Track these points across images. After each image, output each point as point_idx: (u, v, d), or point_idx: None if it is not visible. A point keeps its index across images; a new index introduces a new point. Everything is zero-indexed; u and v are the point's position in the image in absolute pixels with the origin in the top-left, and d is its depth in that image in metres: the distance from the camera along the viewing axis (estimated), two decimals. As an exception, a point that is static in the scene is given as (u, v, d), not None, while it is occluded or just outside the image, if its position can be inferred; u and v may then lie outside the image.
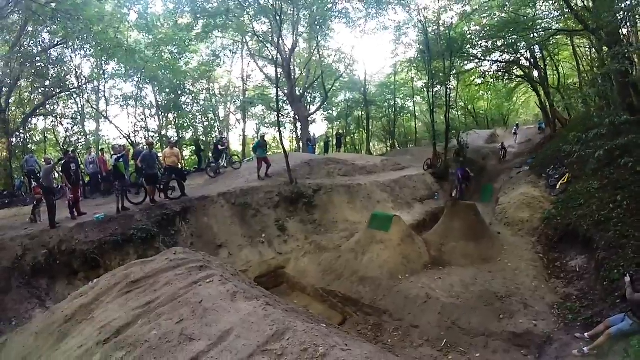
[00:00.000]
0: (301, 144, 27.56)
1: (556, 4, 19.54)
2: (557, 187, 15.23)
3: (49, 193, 11.60)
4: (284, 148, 16.36)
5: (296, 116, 27.16)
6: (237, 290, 6.31)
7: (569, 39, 22.44)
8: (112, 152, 14.51)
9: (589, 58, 23.37)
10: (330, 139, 30.62)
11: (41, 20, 18.63)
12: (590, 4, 16.24)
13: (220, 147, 19.04)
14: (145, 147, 14.78)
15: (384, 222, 12.05)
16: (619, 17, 12.65)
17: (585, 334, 7.76)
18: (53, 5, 17.73)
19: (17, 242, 10.49)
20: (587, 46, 22.38)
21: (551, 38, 22.40)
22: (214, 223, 13.47)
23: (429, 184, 19.28)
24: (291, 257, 13.29)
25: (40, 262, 10.39)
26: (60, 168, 13.00)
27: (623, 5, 13.70)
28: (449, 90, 22.22)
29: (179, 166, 14.36)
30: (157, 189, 13.59)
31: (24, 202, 16.20)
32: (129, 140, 23.71)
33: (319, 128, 38.96)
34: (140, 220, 12.23)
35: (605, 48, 14.11)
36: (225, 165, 18.88)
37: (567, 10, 17.73)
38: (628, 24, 15.72)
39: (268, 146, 17.23)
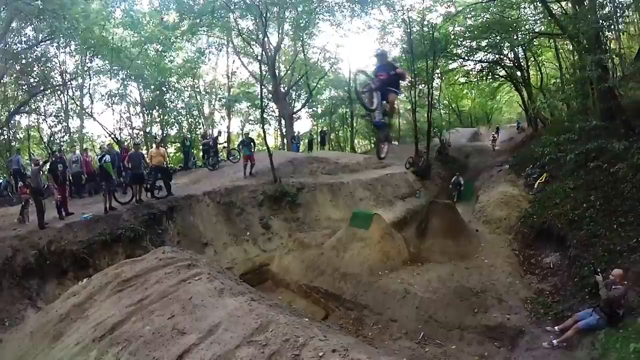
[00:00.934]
0: (286, 142, 27.95)
1: (539, 7, 20.10)
2: (535, 187, 15.95)
3: (38, 194, 11.77)
4: (267, 147, 16.76)
5: (281, 114, 27.47)
6: (223, 287, 6.75)
7: (552, 40, 23.13)
8: (100, 152, 14.65)
9: (571, 59, 24.16)
10: (315, 136, 31.05)
11: (27, 18, 18.63)
12: (570, 9, 17.02)
13: (210, 143, 19.50)
14: (131, 147, 14.99)
15: (364, 220, 12.58)
16: (598, 26, 13.17)
17: (555, 327, 8.34)
18: (39, 3, 17.75)
19: (6, 244, 10.69)
20: (570, 47, 23.11)
21: (534, 40, 23.24)
22: (200, 222, 13.84)
23: (410, 182, 19.86)
24: (275, 255, 13.75)
25: (30, 262, 10.59)
26: (47, 168, 13.18)
27: (602, 12, 14.36)
28: (431, 90, 22.76)
29: (165, 165, 14.59)
30: (143, 188, 13.84)
31: (10, 202, 16.22)
32: (114, 138, 23.84)
33: (303, 125, 39.16)
34: (127, 220, 12.50)
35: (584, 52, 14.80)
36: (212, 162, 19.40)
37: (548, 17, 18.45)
38: (607, 32, 16.33)
39: (253, 144, 17.39)
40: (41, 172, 12.46)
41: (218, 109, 31.76)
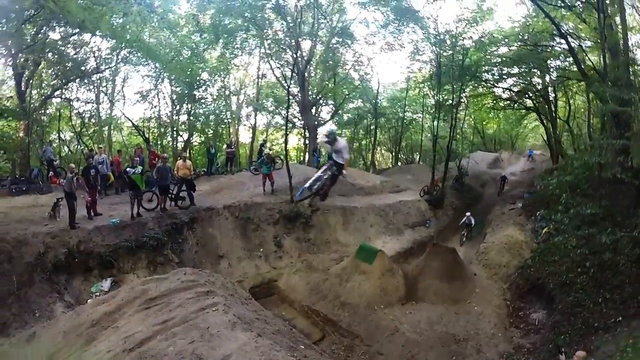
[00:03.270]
0: (307, 154, 29.41)
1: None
2: (541, 236, 16.81)
3: (71, 197, 13.25)
4: (288, 168, 18.05)
5: (305, 125, 28.76)
6: (236, 320, 8.27)
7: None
8: (130, 163, 16.12)
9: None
10: (335, 151, 32.07)
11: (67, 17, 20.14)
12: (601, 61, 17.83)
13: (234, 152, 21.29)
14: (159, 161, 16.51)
15: (369, 255, 14.01)
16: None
17: None
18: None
19: (39, 239, 12.06)
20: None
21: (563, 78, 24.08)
22: (218, 234, 15.45)
23: (422, 210, 21.11)
24: (284, 272, 15.21)
25: (60, 260, 12.01)
26: (80, 172, 14.66)
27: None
28: (454, 122, 23.78)
29: (190, 178, 16.09)
30: (168, 198, 15.44)
31: (41, 190, 17.49)
32: (142, 135, 25.61)
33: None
34: (152, 229, 14.10)
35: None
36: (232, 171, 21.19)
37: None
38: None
39: (273, 163, 18.86)
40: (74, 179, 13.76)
41: (245, 105, 33.17)
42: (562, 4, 19.42)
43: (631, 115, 13.50)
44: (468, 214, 20.14)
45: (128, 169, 15.35)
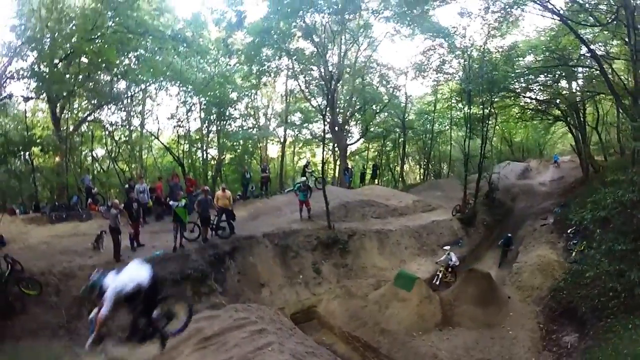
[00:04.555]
0: (337, 174, 30.46)
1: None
2: (573, 254, 17.39)
3: (116, 232, 14.34)
4: (325, 195, 18.77)
5: (336, 145, 29.85)
6: (291, 360, 9.33)
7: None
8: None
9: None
10: (367, 169, 33.24)
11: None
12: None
13: (263, 174, 22.72)
14: (200, 193, 17.54)
15: (407, 282, 14.96)
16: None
17: None
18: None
19: (86, 272, 12.20)
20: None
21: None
22: (258, 262, 16.54)
23: (454, 229, 21.86)
24: (323, 298, 16.15)
25: None
26: (123, 206, 15.31)
27: None
28: (484, 144, 24.37)
29: (230, 208, 17.17)
30: (209, 228, 16.55)
31: (80, 217, 18.51)
32: (178, 161, 27.14)
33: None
34: (196, 260, 15.16)
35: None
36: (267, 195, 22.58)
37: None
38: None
39: (310, 191, 19.82)
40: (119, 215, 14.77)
41: (274, 119, 34.44)
42: (591, 23, 20.05)
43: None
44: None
45: (172, 202, 16.21)
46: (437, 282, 17.36)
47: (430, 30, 27.46)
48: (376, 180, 31.44)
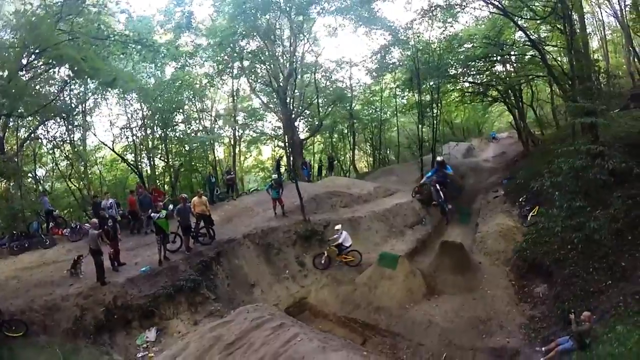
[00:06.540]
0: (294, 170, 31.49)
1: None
2: (529, 219, 19.78)
3: (97, 254, 13.98)
4: (298, 190, 20.05)
5: (290, 141, 30.91)
6: (324, 345, 10.42)
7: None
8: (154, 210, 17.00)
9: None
10: (323, 162, 34.77)
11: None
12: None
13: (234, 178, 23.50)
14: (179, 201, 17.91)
15: (391, 262, 16.56)
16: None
17: (543, 348, 12.17)
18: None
19: (71, 302, 12.81)
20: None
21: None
22: (244, 264, 17.51)
23: (417, 210, 23.72)
24: (312, 289, 17.39)
25: (101, 319, 12.91)
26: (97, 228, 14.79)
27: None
28: (436, 127, 26.68)
29: (208, 213, 17.79)
30: (190, 236, 17.10)
31: (44, 244, 17.83)
32: (136, 171, 27.25)
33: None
34: (185, 271, 15.67)
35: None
36: (234, 196, 23.38)
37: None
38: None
39: (281, 188, 20.59)
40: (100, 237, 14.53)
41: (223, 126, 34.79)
42: (532, 16, 22.98)
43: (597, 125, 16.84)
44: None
45: (152, 214, 16.51)
46: (323, 262, 18.45)
47: (373, 23, 29.55)
48: (333, 172, 32.94)
